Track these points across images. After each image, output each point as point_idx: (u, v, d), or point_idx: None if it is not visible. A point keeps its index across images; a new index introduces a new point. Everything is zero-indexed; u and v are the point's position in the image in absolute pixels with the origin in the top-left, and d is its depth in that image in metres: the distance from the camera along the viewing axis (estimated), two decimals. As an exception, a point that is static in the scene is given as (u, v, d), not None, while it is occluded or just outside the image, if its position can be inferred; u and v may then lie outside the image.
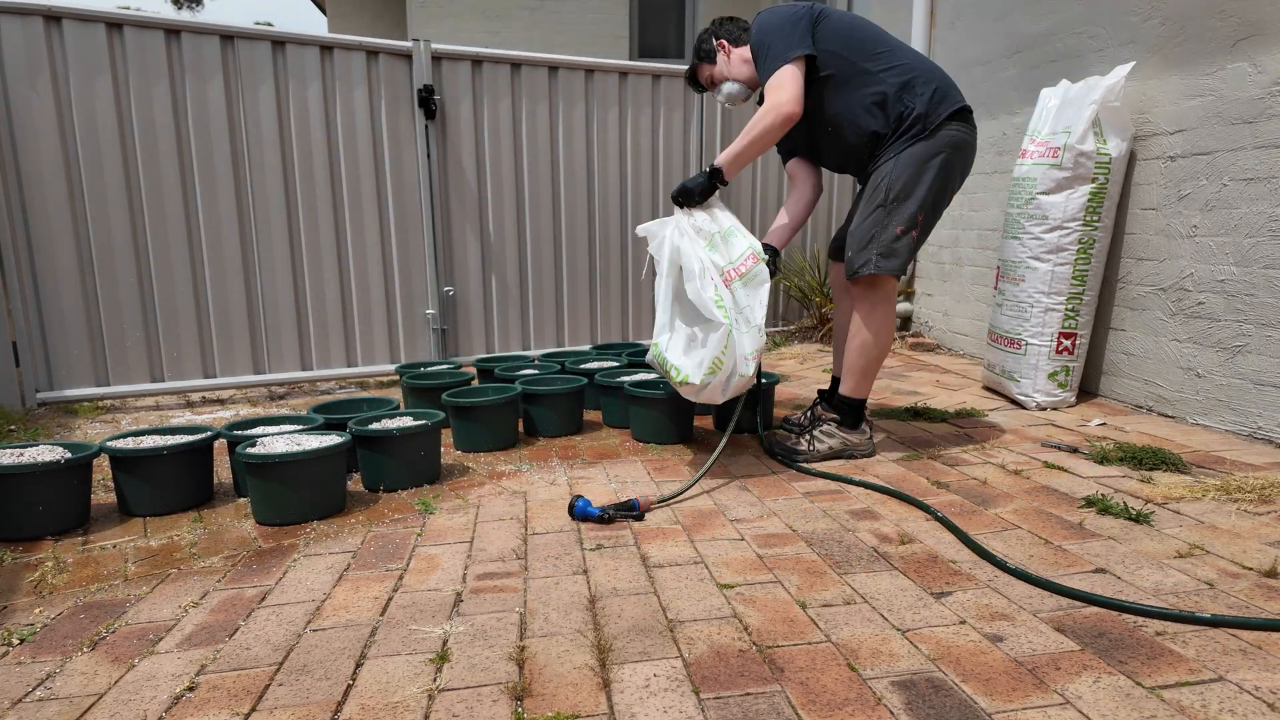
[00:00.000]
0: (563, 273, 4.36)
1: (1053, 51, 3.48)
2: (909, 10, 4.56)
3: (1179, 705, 1.19)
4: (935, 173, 2.25)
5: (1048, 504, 2.06)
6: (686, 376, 2.22)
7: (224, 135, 3.48)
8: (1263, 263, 2.51)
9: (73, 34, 3.18)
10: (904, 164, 2.24)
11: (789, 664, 1.33)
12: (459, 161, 4.00)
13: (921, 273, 4.68)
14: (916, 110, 2.22)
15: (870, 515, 2.02)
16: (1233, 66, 2.61)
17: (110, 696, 1.28)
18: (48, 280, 3.26)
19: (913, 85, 2.23)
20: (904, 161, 2.24)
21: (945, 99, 2.24)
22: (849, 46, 2.25)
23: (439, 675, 1.32)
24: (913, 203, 2.25)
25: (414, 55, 3.78)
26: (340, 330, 3.84)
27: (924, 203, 2.26)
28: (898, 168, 2.24)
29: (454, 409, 2.65)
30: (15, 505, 1.93)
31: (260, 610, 1.57)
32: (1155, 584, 1.59)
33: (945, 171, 2.27)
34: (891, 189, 2.26)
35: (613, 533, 1.94)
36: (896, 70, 2.24)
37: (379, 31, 8.98)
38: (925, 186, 2.24)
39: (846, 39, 2.26)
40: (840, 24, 2.27)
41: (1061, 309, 3.00)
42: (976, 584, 1.62)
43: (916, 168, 2.23)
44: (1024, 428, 2.82)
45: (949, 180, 2.30)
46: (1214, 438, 2.60)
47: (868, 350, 2.39)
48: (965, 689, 1.25)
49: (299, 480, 2.02)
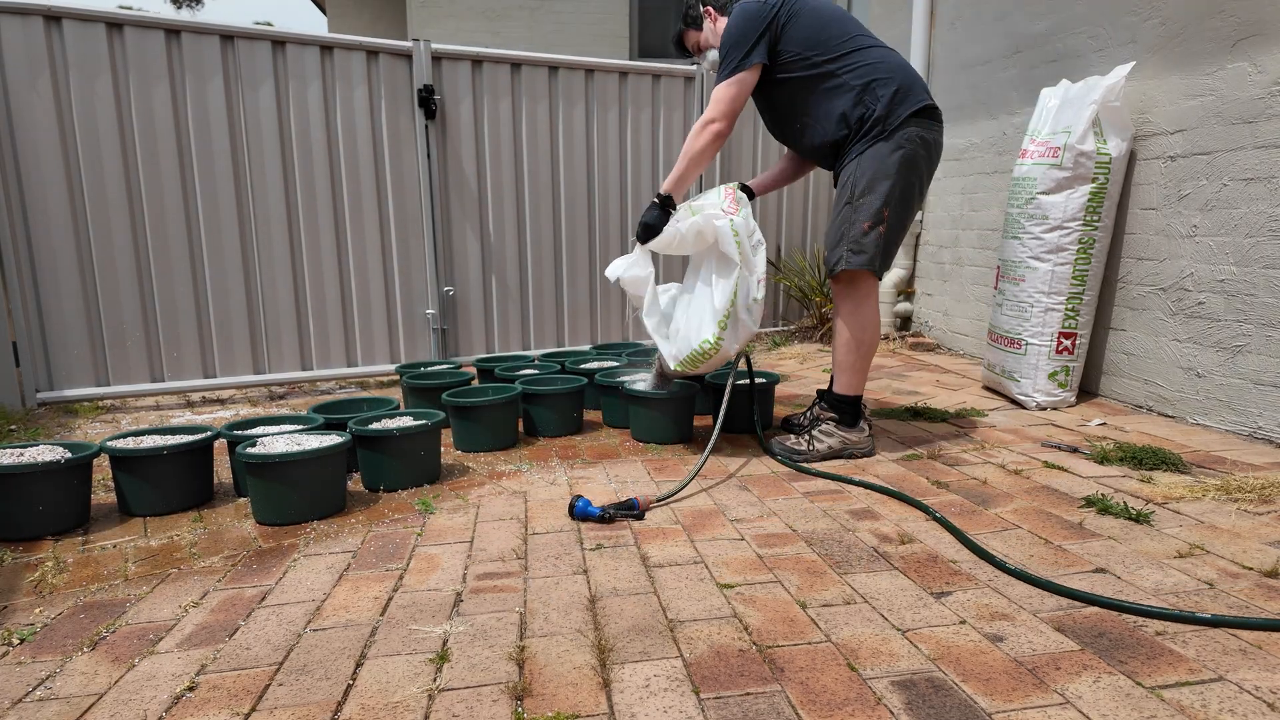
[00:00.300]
0: (563, 272, 4.37)
1: (1053, 51, 3.48)
2: (909, 10, 4.56)
3: (1179, 705, 1.19)
4: (897, 168, 2.28)
5: (1048, 504, 2.06)
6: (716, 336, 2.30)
7: (224, 135, 3.48)
8: (1263, 263, 2.51)
9: (73, 34, 3.18)
10: (866, 162, 2.29)
11: (789, 664, 1.33)
12: (459, 161, 4.00)
13: (921, 273, 4.68)
14: (876, 113, 2.26)
15: (870, 515, 2.02)
16: (1233, 66, 2.61)
17: (110, 696, 1.28)
18: (48, 280, 3.26)
19: (873, 87, 2.26)
20: (866, 160, 2.29)
21: (906, 99, 2.27)
22: (814, 45, 2.28)
23: (439, 675, 1.32)
24: (876, 198, 2.28)
25: (414, 55, 3.78)
26: (340, 330, 3.84)
27: (889, 198, 2.28)
28: (860, 166, 2.30)
29: (454, 409, 2.65)
30: (15, 505, 1.93)
31: (260, 610, 1.57)
32: (1155, 584, 1.59)
33: (907, 167, 2.29)
34: (856, 186, 2.30)
35: (613, 533, 1.94)
36: (859, 71, 2.27)
37: (379, 31, 8.98)
38: (888, 182, 2.28)
39: (813, 38, 2.28)
40: (808, 21, 2.28)
41: (1061, 309, 3.00)
42: (976, 584, 1.62)
43: (878, 165, 2.28)
44: (1024, 428, 2.82)
45: (912, 175, 2.32)
46: (1214, 438, 2.60)
47: (855, 346, 2.42)
48: (965, 689, 1.25)
49: (299, 480, 2.02)
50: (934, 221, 4.54)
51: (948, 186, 4.37)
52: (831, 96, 2.30)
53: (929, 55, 4.51)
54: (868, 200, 2.29)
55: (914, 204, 2.39)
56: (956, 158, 4.27)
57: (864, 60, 2.27)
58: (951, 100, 4.31)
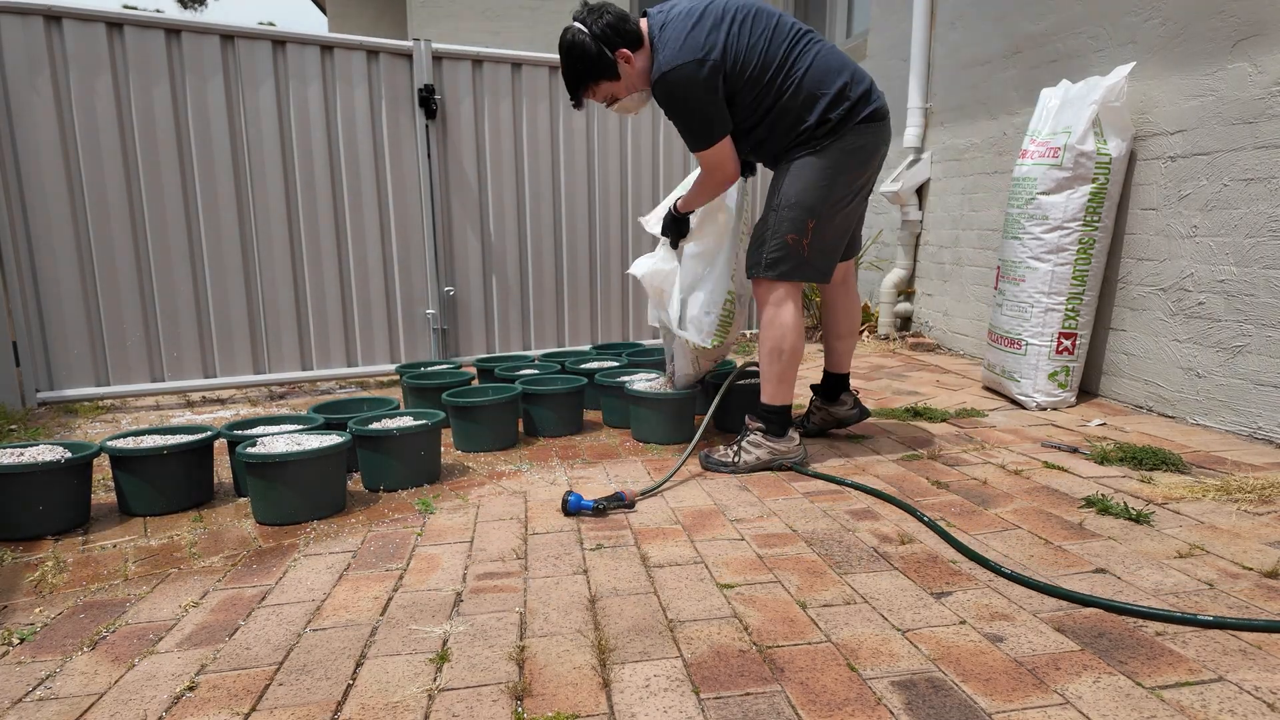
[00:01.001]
0: (563, 272, 4.37)
1: (1053, 51, 3.48)
2: (909, 10, 4.55)
3: (1179, 705, 1.19)
4: (825, 179, 2.22)
5: (1048, 504, 2.06)
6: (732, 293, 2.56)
7: (224, 135, 3.48)
8: (1263, 263, 2.51)
9: (73, 34, 3.18)
10: (794, 174, 2.25)
11: (789, 664, 1.33)
12: (459, 161, 4.00)
13: (921, 273, 4.68)
14: (808, 123, 2.20)
15: (870, 515, 2.02)
16: (1233, 66, 2.61)
17: (110, 696, 1.28)
18: (48, 280, 3.26)
19: (808, 103, 2.19)
20: (794, 171, 2.25)
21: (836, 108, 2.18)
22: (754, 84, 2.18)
23: (439, 675, 1.32)
24: (800, 210, 2.23)
25: (415, 55, 3.78)
26: (340, 330, 3.84)
27: (814, 210, 2.23)
28: (789, 176, 2.25)
29: (454, 409, 2.65)
30: (15, 505, 1.93)
31: (260, 610, 1.57)
32: (1155, 584, 1.59)
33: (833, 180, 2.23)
34: (785, 196, 2.25)
35: (613, 533, 1.94)
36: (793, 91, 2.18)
37: (379, 31, 8.99)
38: (815, 195, 2.22)
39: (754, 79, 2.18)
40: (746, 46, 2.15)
41: (1062, 309, 3.00)
42: (976, 584, 1.62)
43: (806, 177, 2.23)
44: (1024, 428, 2.82)
45: (838, 184, 2.25)
46: (1214, 438, 2.60)
47: (775, 355, 2.32)
48: (965, 689, 1.25)
49: (299, 480, 2.02)
50: (934, 222, 4.53)
51: (948, 187, 4.37)
52: (777, 123, 2.25)
53: (929, 55, 4.50)
54: (792, 212, 2.23)
55: (849, 208, 2.33)
56: (956, 158, 4.27)
57: (796, 79, 2.18)
58: (951, 100, 4.31)
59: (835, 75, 2.19)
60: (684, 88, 2.13)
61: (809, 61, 2.18)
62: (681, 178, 4.55)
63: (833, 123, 2.18)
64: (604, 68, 2.20)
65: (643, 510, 2.09)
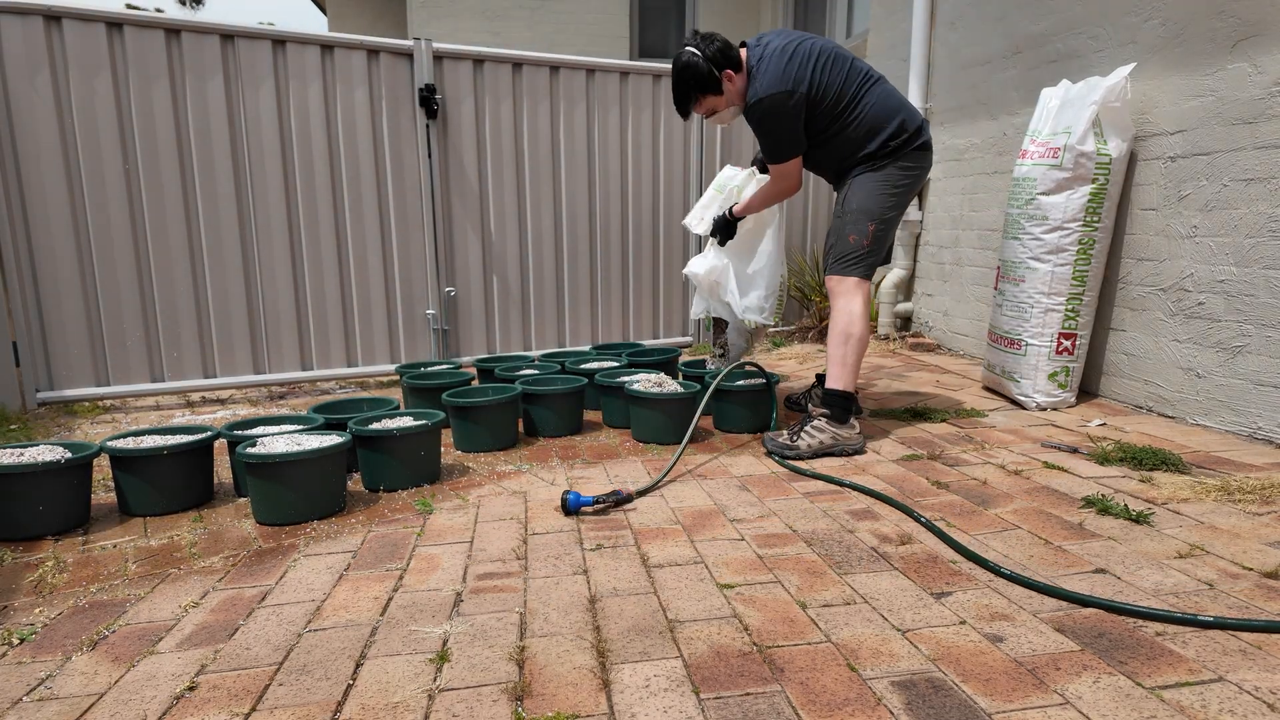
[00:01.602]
0: (564, 273, 4.37)
1: (1053, 52, 3.48)
2: (909, 10, 4.55)
3: (1179, 705, 1.19)
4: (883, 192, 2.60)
5: (1048, 504, 2.06)
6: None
7: (224, 135, 3.48)
8: (1263, 263, 2.51)
9: (73, 33, 3.18)
10: (856, 187, 2.63)
11: (789, 664, 1.33)
12: (460, 161, 4.00)
13: (921, 273, 4.68)
14: (869, 150, 2.60)
15: (870, 515, 2.02)
16: (1233, 67, 2.61)
17: (110, 696, 1.28)
18: (48, 280, 3.26)
19: (869, 135, 2.58)
20: (856, 185, 2.63)
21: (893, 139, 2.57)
22: (826, 116, 2.57)
23: (439, 675, 1.32)
24: (864, 215, 2.59)
25: (415, 54, 3.78)
26: (340, 330, 3.84)
27: (875, 216, 2.60)
28: (852, 189, 2.64)
29: (454, 409, 2.65)
30: (15, 505, 1.93)
31: (260, 610, 1.57)
32: (1155, 584, 1.59)
33: (889, 191, 2.61)
34: (848, 204, 2.63)
35: (612, 533, 1.94)
36: (858, 123, 2.57)
37: (380, 31, 8.99)
38: (875, 203, 2.60)
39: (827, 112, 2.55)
40: (826, 83, 2.52)
41: (1061, 309, 3.00)
42: (976, 584, 1.62)
43: (867, 190, 2.61)
44: (1024, 428, 2.82)
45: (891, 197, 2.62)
46: (1214, 438, 2.60)
47: (844, 338, 2.58)
48: (965, 689, 1.25)
49: (299, 480, 2.02)
50: (934, 222, 4.53)
51: (948, 187, 4.37)
52: (839, 146, 2.63)
53: (929, 55, 4.50)
54: (857, 217, 2.60)
55: (899, 214, 2.70)
56: (956, 158, 4.27)
57: (861, 113, 2.56)
58: (951, 100, 4.31)
59: (893, 115, 2.57)
60: (774, 112, 2.51)
61: (872, 100, 2.57)
62: (681, 178, 4.58)
63: (891, 148, 2.57)
64: (711, 84, 2.56)
65: (643, 510, 2.09)
